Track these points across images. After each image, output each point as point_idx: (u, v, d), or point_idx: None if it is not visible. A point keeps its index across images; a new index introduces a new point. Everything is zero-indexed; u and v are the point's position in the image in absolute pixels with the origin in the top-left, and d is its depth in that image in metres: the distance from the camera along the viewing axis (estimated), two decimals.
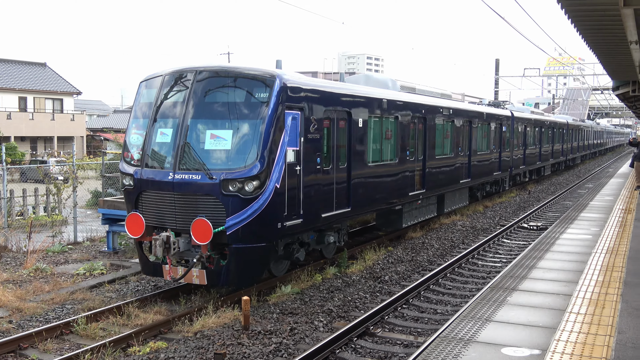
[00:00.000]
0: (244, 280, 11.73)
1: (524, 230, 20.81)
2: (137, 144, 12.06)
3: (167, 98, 11.87)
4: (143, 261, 12.12)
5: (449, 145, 21.12)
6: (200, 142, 11.25)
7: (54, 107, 56.81)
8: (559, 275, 10.37)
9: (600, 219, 17.07)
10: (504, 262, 15.73)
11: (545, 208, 26.14)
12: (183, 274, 11.35)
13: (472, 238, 19.12)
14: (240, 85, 11.41)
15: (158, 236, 11.21)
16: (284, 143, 11.27)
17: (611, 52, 17.30)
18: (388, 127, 16.25)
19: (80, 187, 20.76)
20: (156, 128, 11.74)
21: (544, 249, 12.80)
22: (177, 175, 11.16)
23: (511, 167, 30.30)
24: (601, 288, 9.28)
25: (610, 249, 12.39)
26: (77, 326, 10.32)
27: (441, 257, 16.31)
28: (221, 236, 10.90)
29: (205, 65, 11.90)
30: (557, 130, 43.00)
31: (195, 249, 11.30)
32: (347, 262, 14.89)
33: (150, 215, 11.64)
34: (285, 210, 11.52)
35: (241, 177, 10.81)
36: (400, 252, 16.45)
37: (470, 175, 23.37)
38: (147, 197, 11.69)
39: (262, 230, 11.21)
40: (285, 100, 11.38)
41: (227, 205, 10.88)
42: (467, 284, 13.78)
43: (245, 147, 11.03)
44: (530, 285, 9.65)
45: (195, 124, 11.34)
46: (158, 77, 12.25)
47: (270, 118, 11.03)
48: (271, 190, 11.02)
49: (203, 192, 11.00)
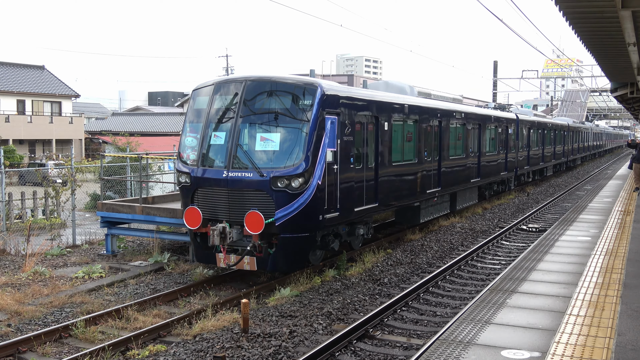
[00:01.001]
0: (289, 266, 13.23)
1: (523, 232, 20.82)
2: (191, 146, 13.57)
3: (219, 104, 13.39)
4: (197, 250, 13.55)
5: (461, 146, 22.64)
6: (251, 144, 12.80)
7: (52, 110, 56.77)
8: (559, 277, 10.36)
9: (600, 220, 17.08)
10: (503, 264, 15.73)
11: (544, 210, 26.15)
12: (236, 261, 12.70)
13: (471, 240, 19.13)
14: (285, 93, 12.98)
15: (215, 227, 12.50)
16: (324, 144, 12.81)
17: (609, 54, 17.34)
18: (409, 130, 17.79)
19: (79, 190, 20.74)
20: (210, 131, 13.28)
21: (543, 250, 12.80)
22: (230, 173, 12.65)
23: (516, 168, 31.50)
24: (601, 290, 9.28)
25: (609, 251, 12.40)
26: (76, 329, 10.30)
27: (440, 260, 16.31)
28: (270, 227, 12.28)
29: (253, 75, 13.42)
30: (559, 132, 44.23)
31: (246, 239, 12.71)
32: (346, 265, 14.89)
33: (206, 209, 12.99)
34: (325, 204, 12.99)
35: (289, 174, 12.29)
36: (400, 254, 16.44)
37: (480, 175, 24.88)
38: (202, 193, 13.11)
39: (306, 222, 12.63)
40: (325, 106, 12.89)
41: (276, 200, 12.31)
42: (467, 286, 13.78)
43: (291, 148, 12.59)
44: (529, 288, 9.65)
45: (246, 127, 12.91)
46: (209, 85, 13.76)
47: (313, 122, 12.59)
48: (314, 186, 12.54)
49: (254, 188, 12.45)
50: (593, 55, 17.96)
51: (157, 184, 25.26)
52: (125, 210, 16.37)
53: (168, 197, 18.71)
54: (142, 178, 19.02)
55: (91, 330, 10.36)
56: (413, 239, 18.61)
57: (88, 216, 23.76)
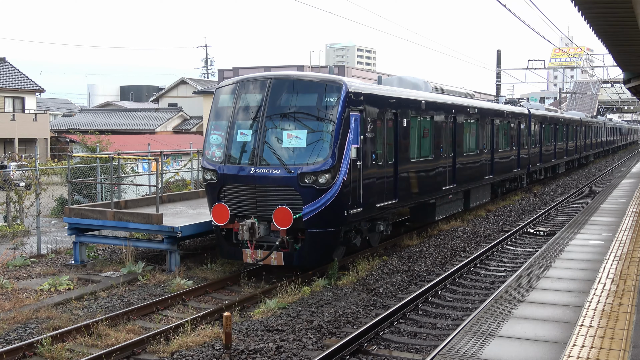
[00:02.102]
0: (316, 261, 14.59)
1: (530, 236, 20.90)
2: (217, 143, 14.91)
3: (244, 102, 14.77)
4: (223, 247, 14.85)
5: (475, 143, 24.26)
6: (277, 141, 14.11)
7: (14, 107, 56.40)
8: (569, 284, 10.41)
9: (613, 222, 17.17)
10: (508, 272, 15.79)
11: (552, 211, 26.28)
12: (264, 256, 14.05)
13: (474, 245, 19.19)
14: (311, 90, 14.41)
15: (244, 222, 13.82)
16: (349, 141, 14.13)
17: (622, 41, 17.40)
18: (425, 126, 19.30)
19: (44, 194, 20.61)
20: (236, 129, 14.59)
21: (552, 256, 12.85)
22: (258, 170, 13.98)
23: (529, 165, 33.17)
24: (614, 298, 9.32)
25: (623, 256, 12.46)
26: (42, 347, 10.22)
27: (440, 267, 16.34)
28: (297, 222, 13.61)
29: (278, 74, 14.90)
30: (571, 127, 45.77)
31: (273, 234, 14.01)
32: (338, 273, 14.89)
33: (233, 205, 14.31)
34: (350, 200, 14.33)
35: (316, 170, 13.62)
36: (396, 261, 16.46)
37: (493, 171, 26.53)
38: (229, 189, 14.46)
39: (332, 217, 14.01)
40: (350, 104, 14.20)
41: (304, 195, 13.64)
42: (469, 295, 13.81)
43: (318, 144, 13.91)
44: (537, 297, 9.68)
45: (272, 124, 14.22)
46: (233, 84, 15.14)
47: (339, 119, 13.91)
48: (340, 182, 13.85)
49: (282, 184, 13.81)
50: (604, 44, 18.03)
51: (130, 187, 25.15)
52: (95, 216, 16.26)
53: (142, 201, 18.63)
54: (113, 180, 18.92)
55: (58, 348, 10.28)
56: (411, 245, 18.64)
57: (54, 222, 23.62)
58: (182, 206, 18.99)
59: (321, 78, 14.62)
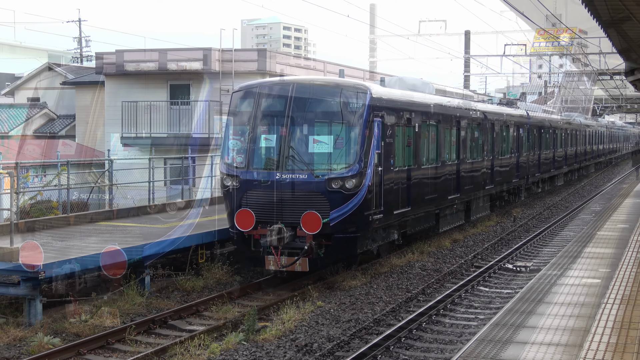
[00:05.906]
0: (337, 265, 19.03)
1: (509, 273, 21.25)
2: (237, 149, 18.68)
3: (267, 107, 18.50)
4: (243, 254, 18.92)
5: (477, 148, 28.52)
6: (303, 146, 18.05)
7: None
8: (556, 336, 10.59)
9: (612, 255, 17.57)
10: (480, 320, 15.99)
11: (537, 241, 26.79)
12: (289, 262, 17.45)
13: (437, 286, 19.38)
14: (336, 95, 18.15)
15: (272, 228, 17.23)
16: (373, 146, 18.04)
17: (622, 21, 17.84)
18: (433, 131, 23.37)
19: None
20: (259, 134, 18.40)
21: (536, 299, 13.08)
22: (283, 175, 17.63)
23: (527, 175, 37.58)
24: (614, 354, 9.52)
25: (626, 298, 12.73)
26: None
27: (393, 315, 16.43)
28: (323, 228, 17.11)
29: (301, 78, 19.11)
30: (571, 132, 50.26)
31: (299, 240, 17.56)
32: (258, 324, 14.82)
33: (257, 211, 17.68)
34: (373, 205, 18.36)
35: (344, 175, 17.41)
36: (335, 308, 16.49)
37: (493, 181, 30.65)
38: (252, 195, 17.98)
39: (358, 222, 17.90)
40: (373, 109, 18.01)
41: (331, 200, 17.35)
42: (430, 352, 13.92)
43: (344, 149, 17.78)
44: (516, 353, 9.82)
45: (298, 130, 18.04)
46: (253, 88, 18.79)
47: (364, 124, 17.75)
48: (366, 187, 17.71)
49: (309, 189, 17.60)
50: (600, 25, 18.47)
51: None
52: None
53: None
54: None
55: None
56: (353, 286, 18.70)
57: None
58: (47, 237, 18.57)
59: (345, 83, 18.70)
